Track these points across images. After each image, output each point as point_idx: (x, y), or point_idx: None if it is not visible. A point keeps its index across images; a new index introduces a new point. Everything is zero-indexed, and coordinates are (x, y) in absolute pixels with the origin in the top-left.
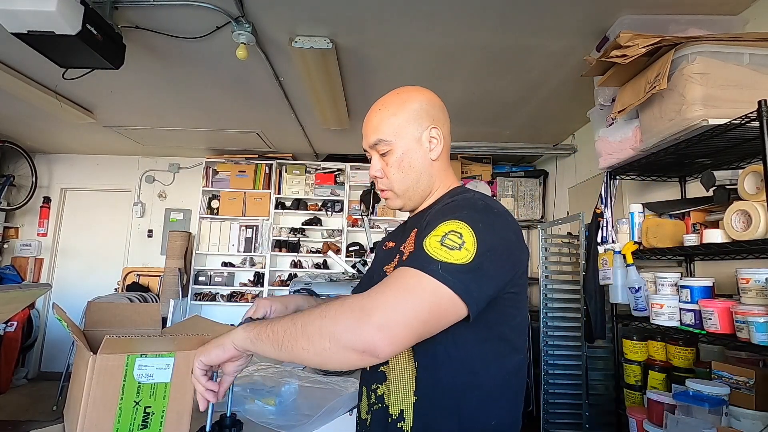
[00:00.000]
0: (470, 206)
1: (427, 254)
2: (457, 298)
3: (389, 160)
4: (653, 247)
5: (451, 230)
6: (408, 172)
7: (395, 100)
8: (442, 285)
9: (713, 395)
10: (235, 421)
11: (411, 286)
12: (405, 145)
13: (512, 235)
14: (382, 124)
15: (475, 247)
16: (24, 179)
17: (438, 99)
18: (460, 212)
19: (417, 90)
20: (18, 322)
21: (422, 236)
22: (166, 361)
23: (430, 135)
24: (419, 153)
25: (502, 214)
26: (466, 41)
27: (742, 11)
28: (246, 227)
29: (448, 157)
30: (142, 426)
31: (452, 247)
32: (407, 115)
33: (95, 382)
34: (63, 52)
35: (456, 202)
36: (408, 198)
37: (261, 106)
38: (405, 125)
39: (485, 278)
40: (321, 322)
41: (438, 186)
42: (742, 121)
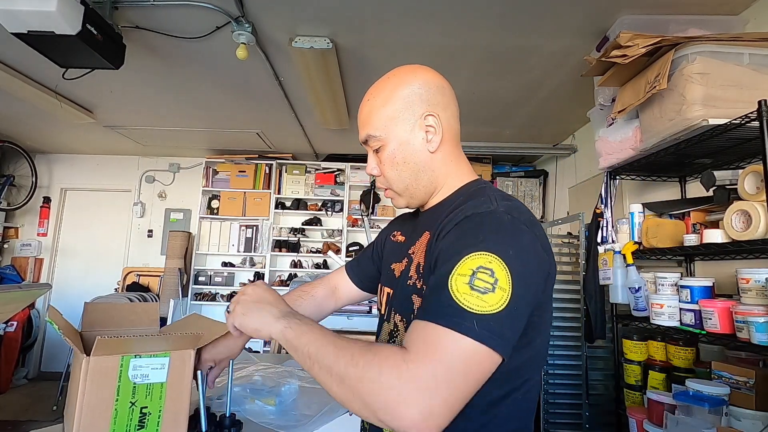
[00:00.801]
0: (496, 224)
1: (457, 304)
2: (496, 354)
3: (383, 156)
4: (653, 247)
5: (480, 266)
6: (403, 169)
7: (385, 86)
8: (481, 346)
9: (713, 395)
10: (234, 421)
11: (451, 358)
12: (397, 139)
13: (541, 250)
14: (371, 116)
15: (510, 285)
16: (24, 179)
17: (438, 78)
18: (486, 236)
19: (410, 71)
20: (18, 322)
21: (440, 258)
22: (161, 361)
23: (425, 124)
24: (415, 146)
25: (529, 224)
26: (466, 41)
27: (742, 11)
28: (246, 227)
29: (457, 145)
30: (138, 427)
31: (485, 290)
32: (398, 103)
33: (89, 384)
34: (63, 52)
35: (478, 217)
36: (410, 196)
37: (261, 106)
38: (396, 116)
39: (520, 317)
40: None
41: (446, 179)
42: (742, 121)
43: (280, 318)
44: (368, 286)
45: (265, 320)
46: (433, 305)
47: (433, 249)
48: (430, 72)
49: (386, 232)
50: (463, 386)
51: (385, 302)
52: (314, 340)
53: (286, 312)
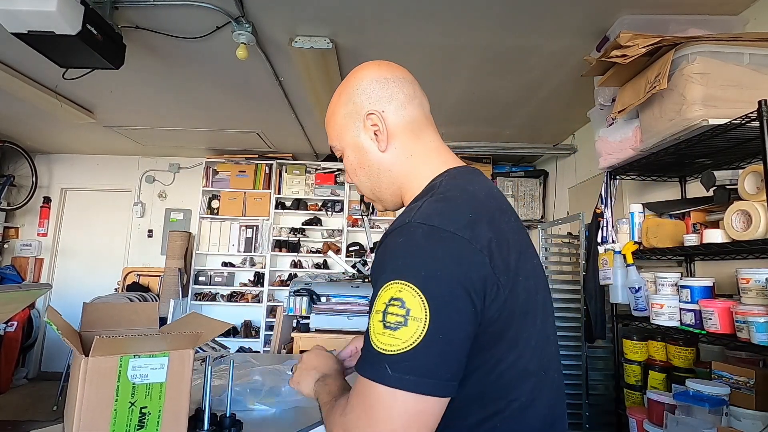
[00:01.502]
0: (406, 241)
1: (374, 348)
2: (422, 397)
3: (345, 165)
4: (653, 247)
5: (391, 298)
6: (362, 174)
7: (335, 96)
8: (398, 392)
9: (713, 395)
10: (234, 421)
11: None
12: (350, 145)
13: (474, 256)
14: (328, 127)
15: (426, 312)
16: (24, 179)
17: (382, 70)
18: (395, 260)
19: (353, 73)
20: (18, 322)
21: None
22: (160, 360)
23: (370, 123)
24: (368, 149)
25: (458, 228)
26: (466, 41)
27: (742, 11)
28: (246, 227)
29: (415, 137)
30: (138, 427)
31: (396, 325)
32: (344, 108)
33: (88, 385)
34: (63, 52)
35: (391, 236)
36: (381, 200)
37: (261, 106)
38: (343, 123)
39: (449, 342)
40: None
41: (406, 178)
42: (742, 121)
43: (316, 382)
44: None
45: (309, 385)
46: (363, 352)
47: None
48: (372, 67)
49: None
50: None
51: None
52: (321, 399)
53: (322, 375)
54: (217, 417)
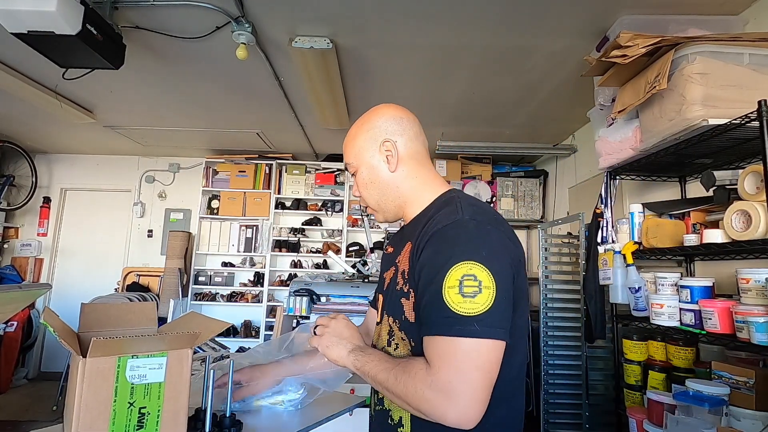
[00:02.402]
0: (464, 232)
1: (456, 313)
2: (501, 342)
3: (357, 180)
4: (653, 247)
5: (463, 275)
6: (372, 189)
7: (356, 125)
8: (483, 341)
9: (713, 395)
10: (234, 421)
11: (460, 361)
12: (365, 164)
13: (508, 242)
14: (347, 148)
15: (493, 282)
16: (24, 179)
17: (396, 111)
18: (459, 247)
19: (376, 110)
20: (18, 322)
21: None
22: (159, 360)
23: (384, 149)
24: (380, 169)
25: (494, 223)
26: (467, 41)
27: (742, 11)
28: (246, 227)
29: (419, 164)
30: (138, 427)
31: (474, 294)
32: (364, 136)
33: (87, 385)
34: (63, 52)
35: (448, 230)
36: (384, 212)
37: (261, 106)
38: (363, 146)
39: (507, 303)
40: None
41: (413, 193)
42: (742, 121)
43: (351, 352)
44: None
45: (341, 353)
46: (436, 320)
47: (415, 259)
48: (389, 108)
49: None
50: (480, 378)
51: (379, 307)
52: (373, 368)
53: (355, 346)
54: (216, 417)
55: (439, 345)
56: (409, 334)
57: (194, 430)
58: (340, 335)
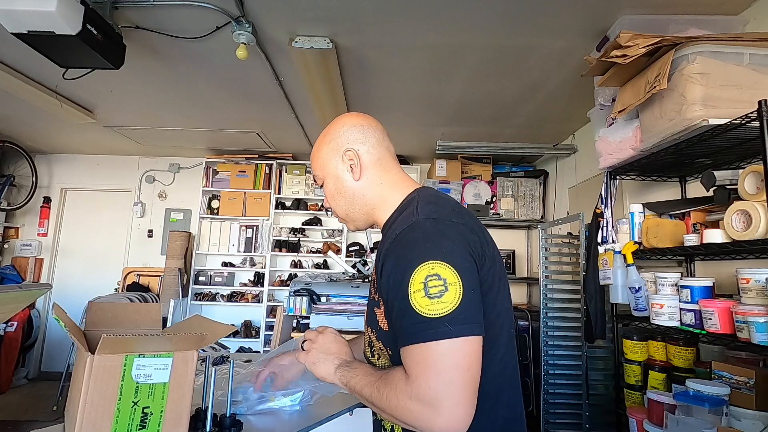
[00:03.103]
0: (421, 233)
1: (426, 317)
2: (478, 338)
3: (325, 191)
4: (653, 247)
5: (427, 276)
6: (339, 200)
7: (320, 137)
8: (458, 339)
9: (713, 395)
10: (234, 421)
11: (437, 365)
12: (330, 175)
13: (468, 233)
14: (313, 160)
15: (458, 277)
16: (24, 179)
17: (359, 119)
18: (419, 249)
19: (337, 121)
20: (18, 322)
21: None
22: (165, 361)
23: (347, 158)
24: (345, 179)
25: (454, 216)
26: (467, 41)
27: (742, 11)
28: (246, 227)
29: (384, 169)
30: (140, 427)
31: (441, 293)
32: (327, 147)
33: (93, 383)
34: (63, 52)
35: (405, 234)
36: (353, 221)
37: (261, 106)
38: (326, 157)
39: (476, 296)
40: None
41: (380, 200)
42: (742, 121)
43: (338, 368)
44: None
45: (328, 370)
46: (408, 328)
47: (379, 269)
48: (350, 117)
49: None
50: (460, 378)
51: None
52: (358, 383)
53: (342, 362)
54: (217, 417)
55: (414, 353)
56: (386, 343)
57: (195, 430)
58: (327, 351)
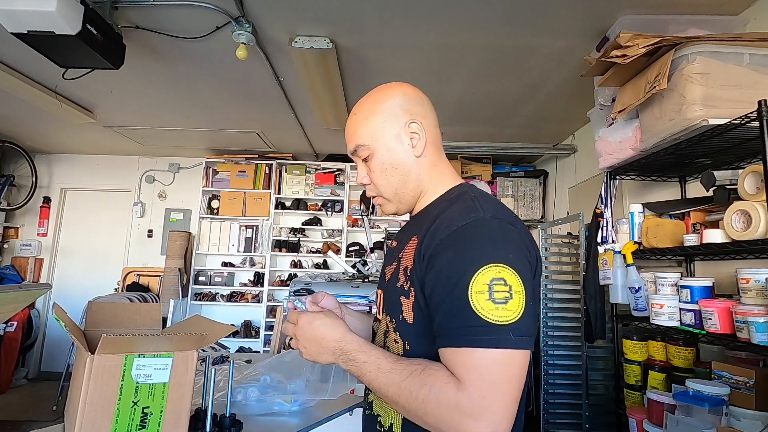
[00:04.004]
0: (488, 232)
1: (488, 322)
2: (527, 351)
3: (372, 164)
4: (653, 247)
5: (492, 279)
6: (392, 174)
7: (368, 102)
8: (515, 351)
9: (713, 395)
10: (234, 421)
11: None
12: (385, 147)
13: (529, 242)
14: (359, 129)
15: (522, 287)
16: (24, 179)
17: (416, 91)
18: (485, 247)
19: (390, 87)
20: (18, 322)
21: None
22: (165, 361)
23: (410, 131)
24: (401, 151)
25: (513, 222)
26: (467, 41)
27: (742, 11)
28: (246, 227)
29: (439, 151)
30: (140, 426)
31: (506, 300)
32: (382, 115)
33: (93, 382)
34: (63, 52)
35: (469, 229)
36: (399, 201)
37: (261, 106)
38: (381, 126)
39: (535, 308)
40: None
41: (430, 183)
42: (742, 121)
43: (339, 358)
44: None
45: (322, 358)
46: (463, 329)
47: (422, 259)
48: (408, 86)
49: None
50: (511, 392)
51: (378, 304)
52: (375, 379)
53: (340, 352)
54: (217, 417)
55: (469, 358)
56: (404, 336)
57: (195, 430)
58: (316, 340)
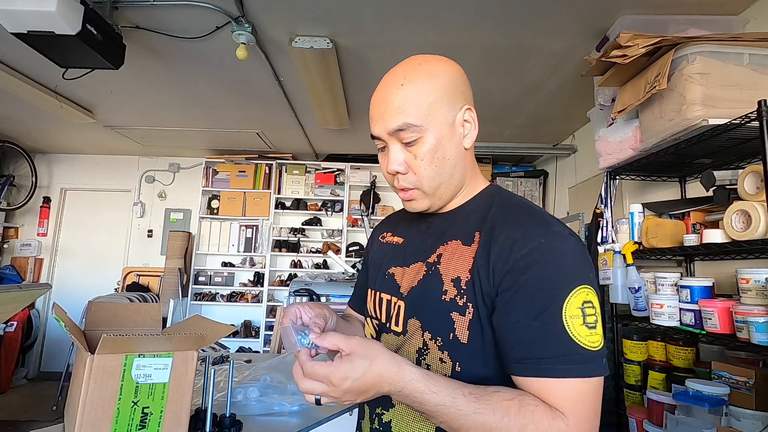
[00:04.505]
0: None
1: (585, 350)
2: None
3: (418, 150)
4: (653, 247)
5: (583, 302)
6: (441, 165)
7: (421, 72)
8: (601, 379)
9: (713, 395)
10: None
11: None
12: (438, 132)
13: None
14: (409, 103)
15: (599, 308)
16: (24, 179)
17: (465, 74)
18: (574, 267)
19: (444, 60)
20: (18, 322)
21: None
22: (165, 361)
23: (463, 118)
24: (453, 140)
25: (577, 236)
26: (466, 41)
27: (742, 11)
28: (246, 227)
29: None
30: (140, 427)
31: (595, 323)
32: (439, 92)
33: (93, 382)
34: (63, 52)
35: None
36: (438, 197)
37: (261, 106)
38: (438, 105)
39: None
40: None
41: (473, 181)
42: (742, 121)
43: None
44: None
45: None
46: (560, 358)
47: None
48: (460, 66)
49: (373, 236)
50: (597, 419)
51: (387, 310)
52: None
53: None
54: (217, 417)
55: (574, 390)
56: (455, 356)
57: (195, 430)
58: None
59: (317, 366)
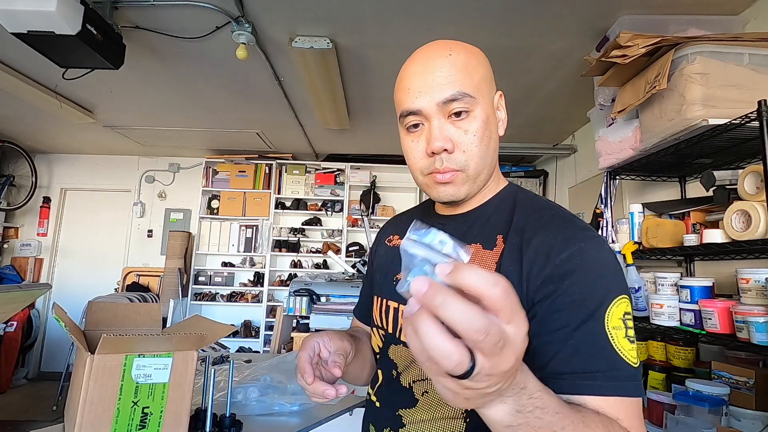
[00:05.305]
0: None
1: (630, 365)
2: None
3: (469, 125)
4: (653, 247)
5: (624, 313)
6: (489, 147)
7: (463, 47)
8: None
9: (713, 395)
10: (234, 421)
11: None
12: (487, 108)
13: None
14: (462, 73)
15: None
16: (24, 179)
17: None
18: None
19: (478, 50)
20: (18, 322)
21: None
22: (165, 361)
23: (499, 103)
24: (495, 123)
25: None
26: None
27: (742, 11)
28: (246, 227)
29: None
30: (140, 426)
31: (634, 339)
32: (484, 68)
33: (93, 382)
34: (63, 52)
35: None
36: (477, 185)
37: (261, 106)
38: (484, 82)
39: None
40: None
41: (498, 173)
42: (742, 121)
43: (503, 399)
44: None
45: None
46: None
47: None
48: None
49: (378, 240)
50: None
51: (394, 320)
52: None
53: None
54: (217, 417)
55: (632, 408)
56: None
57: (195, 430)
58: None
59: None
